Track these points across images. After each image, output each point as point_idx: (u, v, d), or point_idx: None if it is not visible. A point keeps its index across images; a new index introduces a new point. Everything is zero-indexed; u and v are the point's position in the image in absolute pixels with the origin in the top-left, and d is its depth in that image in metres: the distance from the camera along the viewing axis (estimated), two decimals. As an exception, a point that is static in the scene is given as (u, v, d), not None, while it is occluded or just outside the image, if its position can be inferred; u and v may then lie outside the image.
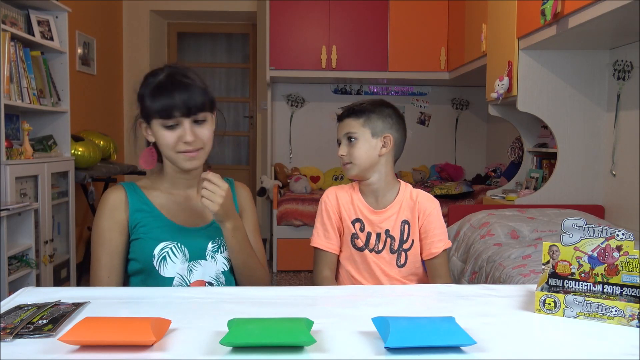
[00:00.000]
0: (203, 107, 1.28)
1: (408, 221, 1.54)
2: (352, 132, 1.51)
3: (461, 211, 3.13)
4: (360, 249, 1.55)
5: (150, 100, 1.26)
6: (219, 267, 1.36)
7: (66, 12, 3.21)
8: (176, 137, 1.27)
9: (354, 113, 1.52)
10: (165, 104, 1.25)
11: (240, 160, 5.87)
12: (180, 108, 1.25)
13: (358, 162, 1.51)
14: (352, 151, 1.51)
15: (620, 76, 2.83)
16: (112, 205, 1.32)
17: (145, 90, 1.28)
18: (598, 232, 1.05)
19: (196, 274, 1.32)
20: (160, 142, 1.29)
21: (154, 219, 1.33)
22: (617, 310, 0.97)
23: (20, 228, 2.58)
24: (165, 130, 1.27)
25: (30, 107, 2.86)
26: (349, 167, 1.52)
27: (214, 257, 1.35)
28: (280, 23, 4.53)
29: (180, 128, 1.27)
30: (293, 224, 4.23)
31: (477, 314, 1.03)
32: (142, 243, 1.31)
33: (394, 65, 4.57)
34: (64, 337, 0.84)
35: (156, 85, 1.27)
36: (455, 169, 5.01)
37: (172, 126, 1.27)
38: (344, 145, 1.53)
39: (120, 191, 1.34)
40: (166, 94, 1.25)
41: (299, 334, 0.83)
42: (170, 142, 1.27)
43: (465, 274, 2.60)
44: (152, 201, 1.35)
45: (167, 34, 5.63)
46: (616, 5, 2.03)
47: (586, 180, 3.07)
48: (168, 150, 1.29)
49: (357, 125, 1.51)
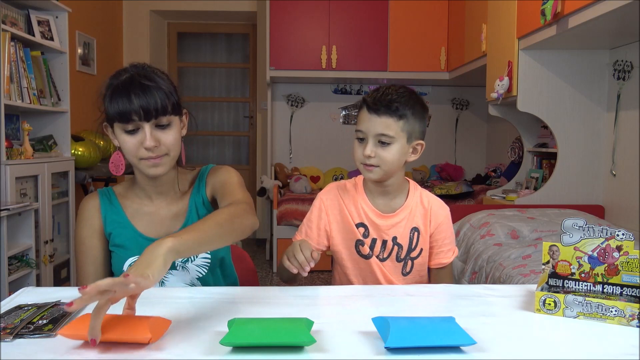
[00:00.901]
0: (165, 110, 1.19)
1: (418, 228, 1.41)
2: (388, 134, 1.30)
3: (461, 211, 3.13)
4: (366, 256, 1.42)
5: (109, 103, 1.19)
6: (192, 275, 1.31)
7: (66, 12, 3.21)
8: (137, 142, 1.19)
9: (394, 111, 1.29)
10: (123, 108, 1.16)
11: (240, 160, 5.87)
12: (138, 112, 1.16)
13: (386, 167, 1.32)
14: (382, 154, 1.31)
15: (620, 76, 2.83)
16: (88, 213, 1.31)
17: (106, 92, 1.21)
18: (598, 232, 1.05)
19: (169, 285, 1.30)
20: (122, 147, 1.22)
21: (124, 229, 1.30)
22: (617, 310, 0.97)
23: (20, 228, 2.58)
24: (126, 135, 1.20)
25: (30, 107, 2.86)
26: (374, 171, 1.33)
27: (185, 267, 1.31)
28: (280, 23, 4.53)
29: (140, 133, 1.19)
30: (293, 224, 4.23)
31: (477, 314, 1.03)
32: (115, 257, 1.30)
33: (394, 65, 4.57)
34: (63, 331, 0.84)
35: (115, 87, 1.19)
36: (455, 169, 5.01)
37: (132, 131, 1.19)
38: (372, 145, 1.31)
39: (94, 198, 1.32)
40: (124, 97, 1.17)
41: (299, 334, 0.83)
42: (131, 148, 1.20)
43: (465, 274, 2.60)
44: (125, 210, 1.32)
45: (167, 34, 5.63)
46: (616, 5, 2.03)
47: (586, 180, 3.07)
48: (130, 156, 1.22)
49: (395, 127, 1.30)
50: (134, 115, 1.17)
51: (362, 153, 1.32)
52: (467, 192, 4.27)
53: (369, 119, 1.31)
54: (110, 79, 1.23)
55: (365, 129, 1.32)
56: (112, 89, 1.19)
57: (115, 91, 1.18)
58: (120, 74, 1.22)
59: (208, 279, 1.34)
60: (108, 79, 1.24)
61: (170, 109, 1.21)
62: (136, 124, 1.18)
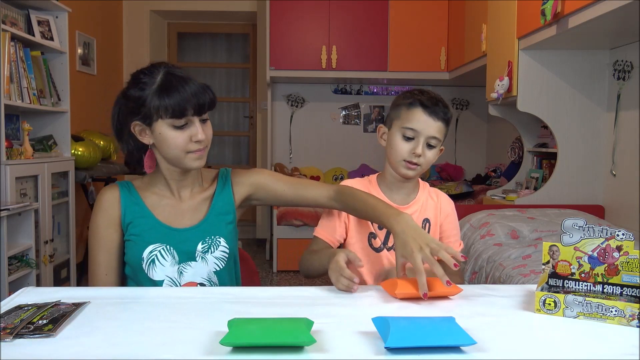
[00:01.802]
0: (211, 104, 1.25)
1: (429, 220, 1.47)
2: (439, 138, 1.39)
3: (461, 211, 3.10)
4: (377, 249, 1.46)
5: (158, 100, 1.21)
6: (210, 268, 1.33)
7: (66, 12, 3.21)
8: (187, 137, 1.23)
9: (446, 117, 1.39)
10: (177, 103, 1.20)
11: (241, 160, 5.87)
12: (195, 106, 1.21)
13: (425, 167, 1.41)
14: (428, 155, 1.39)
15: (620, 76, 2.83)
16: (107, 204, 1.32)
17: (145, 91, 1.22)
18: (598, 232, 1.05)
19: (187, 276, 1.31)
20: (167, 143, 1.24)
21: (144, 219, 1.31)
22: (617, 310, 0.97)
23: (20, 228, 2.58)
24: (175, 131, 1.23)
25: (30, 107, 2.86)
26: (417, 169, 1.40)
27: (205, 258, 1.32)
28: (280, 23, 4.53)
29: (190, 127, 1.23)
30: (293, 224, 4.23)
31: (477, 314, 1.03)
32: (132, 245, 1.30)
33: (394, 65, 4.57)
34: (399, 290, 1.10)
35: (161, 84, 1.22)
36: (455, 169, 5.01)
37: (181, 126, 1.23)
38: (422, 145, 1.38)
39: (114, 189, 1.34)
40: (179, 93, 1.20)
41: (299, 334, 0.83)
42: (181, 143, 1.23)
43: (465, 274, 2.60)
44: (145, 202, 1.34)
45: (167, 34, 5.63)
46: (616, 5, 2.03)
47: (586, 180, 3.07)
48: (177, 150, 1.24)
49: (443, 132, 1.40)
50: (190, 109, 1.21)
51: (409, 150, 1.38)
52: (467, 192, 4.27)
53: (425, 120, 1.37)
54: (140, 77, 1.24)
55: (421, 129, 1.37)
56: (161, 86, 1.22)
57: (166, 87, 1.21)
58: (153, 72, 1.24)
59: (223, 274, 1.35)
60: (135, 78, 1.26)
61: (214, 103, 1.27)
62: (187, 119, 1.23)
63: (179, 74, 1.24)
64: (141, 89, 1.23)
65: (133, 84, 1.25)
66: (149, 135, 1.27)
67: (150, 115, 1.23)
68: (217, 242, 1.34)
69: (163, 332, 0.91)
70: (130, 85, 1.26)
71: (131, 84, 1.26)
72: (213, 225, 1.35)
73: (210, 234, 1.33)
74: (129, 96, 1.25)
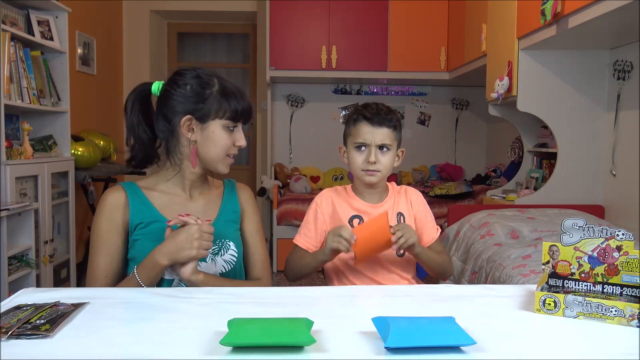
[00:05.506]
0: (250, 119, 1.38)
1: (402, 213, 1.58)
2: (387, 143, 1.51)
3: (461, 211, 3.13)
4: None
5: (222, 101, 1.29)
6: (217, 269, 1.34)
7: (66, 12, 3.21)
8: (232, 140, 1.32)
9: (390, 123, 1.51)
10: (236, 108, 1.30)
11: (240, 160, 5.87)
12: (246, 115, 1.33)
13: (385, 171, 1.53)
14: (382, 160, 1.51)
15: (620, 76, 2.83)
16: (111, 206, 1.31)
17: (209, 89, 1.29)
18: (598, 232, 1.05)
19: None
20: (215, 142, 1.31)
21: (154, 220, 1.32)
22: (617, 310, 0.97)
23: (20, 228, 2.58)
24: (225, 132, 1.31)
25: (30, 107, 2.86)
26: (377, 175, 1.52)
27: (214, 259, 1.34)
28: (280, 23, 4.53)
29: (236, 132, 1.33)
30: (293, 224, 4.23)
31: (477, 314, 1.03)
32: (142, 244, 1.30)
33: (394, 65, 4.57)
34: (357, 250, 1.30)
35: (224, 87, 1.31)
36: (455, 169, 5.00)
37: (232, 129, 1.32)
38: (375, 153, 1.51)
39: (120, 192, 1.33)
40: (241, 98, 1.31)
41: (299, 334, 0.83)
42: (227, 144, 1.32)
43: (465, 274, 2.60)
44: (152, 202, 1.34)
45: (167, 34, 5.63)
46: (616, 5, 2.03)
47: (586, 180, 3.07)
48: (222, 151, 1.32)
49: (392, 136, 1.52)
50: (243, 117, 1.33)
51: (364, 160, 1.51)
52: (467, 192, 4.27)
53: (370, 131, 1.51)
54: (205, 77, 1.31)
55: (369, 140, 1.51)
56: (225, 89, 1.31)
57: (230, 92, 1.31)
58: (211, 77, 1.32)
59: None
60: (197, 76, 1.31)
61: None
62: (237, 124, 1.34)
63: (234, 85, 1.34)
64: (203, 87, 1.30)
65: (197, 81, 1.30)
66: (197, 132, 1.31)
67: (208, 113, 1.30)
68: (227, 246, 1.36)
69: (163, 332, 0.91)
70: (193, 81, 1.30)
71: (189, 79, 1.30)
72: (223, 229, 1.36)
73: (221, 237, 1.35)
74: (194, 92, 1.30)
